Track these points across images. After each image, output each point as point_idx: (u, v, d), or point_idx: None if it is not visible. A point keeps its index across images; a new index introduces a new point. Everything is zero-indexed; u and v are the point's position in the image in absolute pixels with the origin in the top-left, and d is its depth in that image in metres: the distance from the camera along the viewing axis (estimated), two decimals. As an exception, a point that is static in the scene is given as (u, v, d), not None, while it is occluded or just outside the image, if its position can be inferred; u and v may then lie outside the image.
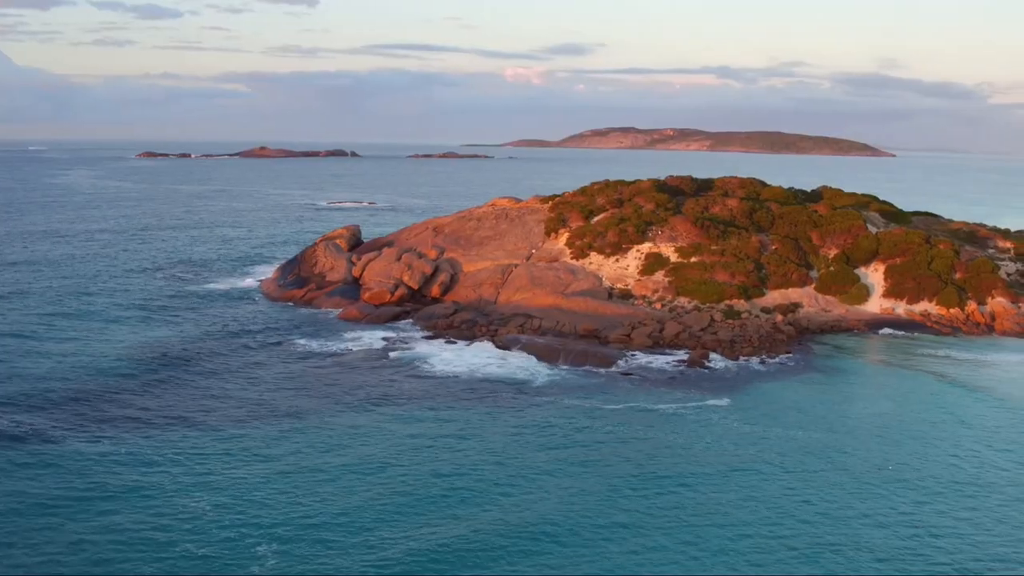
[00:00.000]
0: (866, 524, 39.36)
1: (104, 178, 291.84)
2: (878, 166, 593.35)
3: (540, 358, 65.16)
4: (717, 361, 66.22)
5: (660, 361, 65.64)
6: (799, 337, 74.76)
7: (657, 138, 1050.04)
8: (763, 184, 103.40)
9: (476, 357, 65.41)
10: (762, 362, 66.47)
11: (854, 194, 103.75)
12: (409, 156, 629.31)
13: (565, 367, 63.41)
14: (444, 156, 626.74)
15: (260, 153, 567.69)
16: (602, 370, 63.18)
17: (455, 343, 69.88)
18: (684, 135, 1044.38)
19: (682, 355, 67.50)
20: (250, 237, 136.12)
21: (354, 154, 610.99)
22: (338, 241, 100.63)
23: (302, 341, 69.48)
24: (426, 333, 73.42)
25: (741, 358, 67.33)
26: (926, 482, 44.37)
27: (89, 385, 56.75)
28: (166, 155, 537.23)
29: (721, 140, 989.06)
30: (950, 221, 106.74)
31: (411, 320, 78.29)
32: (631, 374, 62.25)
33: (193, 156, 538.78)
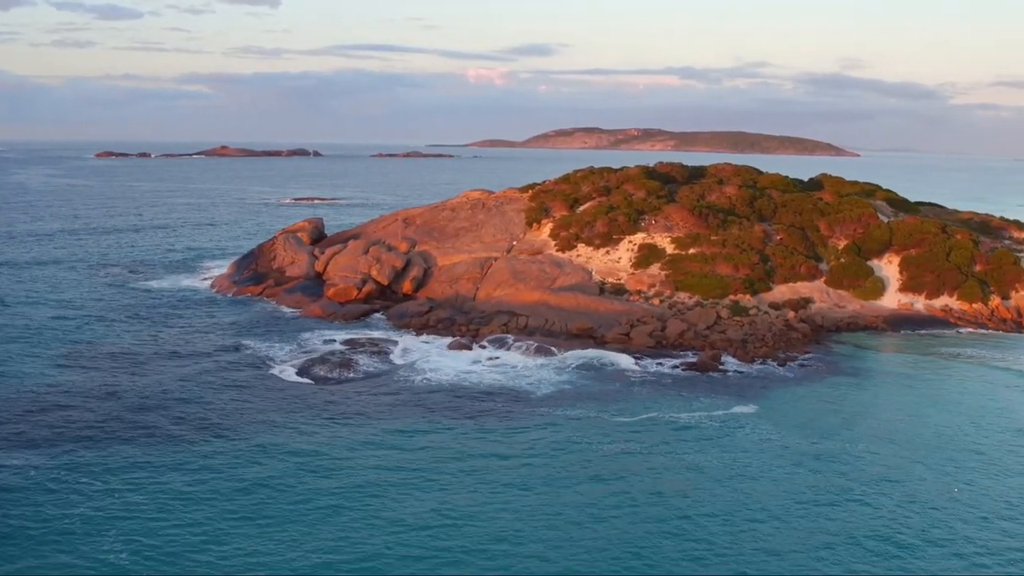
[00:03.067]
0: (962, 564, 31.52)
1: (58, 176, 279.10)
2: (846, 165, 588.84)
3: (534, 361, 57.13)
4: (731, 364, 58.35)
5: (668, 364, 57.62)
6: (814, 335, 67.16)
7: (621, 138, 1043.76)
8: (758, 172, 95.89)
9: (459, 361, 57.01)
10: (781, 364, 58.62)
11: (856, 182, 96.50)
12: (372, 155, 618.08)
13: (567, 372, 55.13)
14: (408, 155, 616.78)
15: (221, 152, 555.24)
16: (608, 367, 55.21)
17: (433, 344, 61.52)
18: (648, 135, 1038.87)
19: (690, 357, 59.56)
20: (205, 233, 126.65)
21: (316, 153, 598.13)
22: (299, 234, 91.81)
23: (255, 344, 60.70)
24: (398, 333, 64.96)
25: (756, 360, 59.49)
26: (1006, 509, 36.65)
27: (5, 397, 47.72)
28: (125, 155, 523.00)
29: (686, 140, 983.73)
30: (956, 211, 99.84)
31: (381, 319, 69.91)
32: (632, 376, 54.24)
33: (152, 156, 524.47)
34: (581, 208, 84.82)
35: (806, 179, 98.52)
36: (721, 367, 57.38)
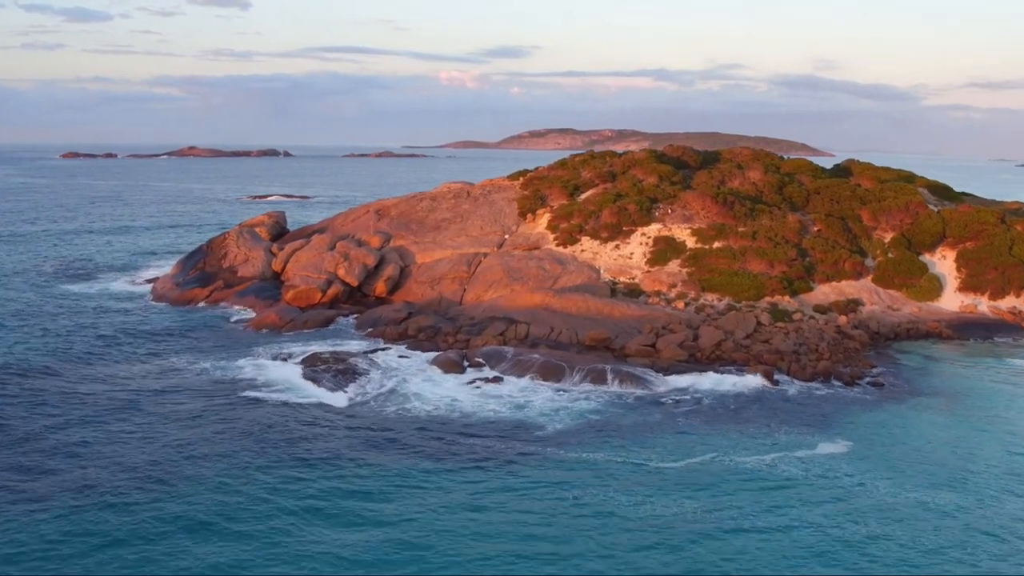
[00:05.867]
0: None
1: (15, 176, 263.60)
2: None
3: (542, 383, 45.26)
4: (786, 382, 46.77)
5: (711, 383, 45.88)
6: (871, 344, 55.84)
7: (596, 139, 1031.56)
8: (780, 156, 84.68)
9: (447, 384, 44.90)
10: (849, 383, 46.99)
11: (889, 168, 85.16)
12: (344, 156, 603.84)
13: (586, 398, 43.19)
14: (380, 155, 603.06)
15: (189, 153, 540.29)
16: (637, 389, 43.45)
17: (413, 360, 49.52)
18: (623, 136, 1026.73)
19: (733, 372, 47.91)
20: (155, 230, 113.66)
21: (287, 154, 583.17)
22: (257, 229, 79.48)
23: (189, 361, 48.48)
24: (371, 345, 52.95)
25: (817, 377, 47.90)
26: None
27: None
28: (91, 155, 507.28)
29: (660, 141, 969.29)
30: (1000, 202, 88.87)
31: (349, 327, 57.94)
32: (670, 401, 42.49)
33: (119, 156, 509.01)
34: (583, 196, 73.24)
35: (831, 165, 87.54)
36: (777, 386, 45.81)
